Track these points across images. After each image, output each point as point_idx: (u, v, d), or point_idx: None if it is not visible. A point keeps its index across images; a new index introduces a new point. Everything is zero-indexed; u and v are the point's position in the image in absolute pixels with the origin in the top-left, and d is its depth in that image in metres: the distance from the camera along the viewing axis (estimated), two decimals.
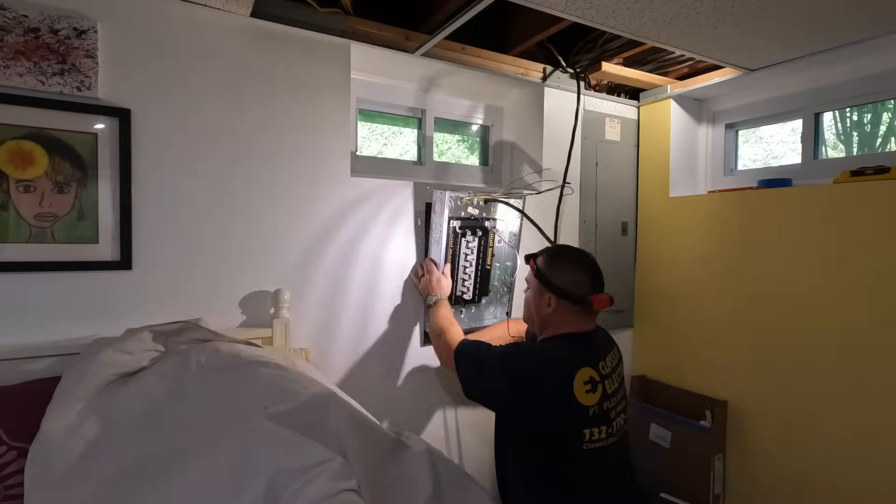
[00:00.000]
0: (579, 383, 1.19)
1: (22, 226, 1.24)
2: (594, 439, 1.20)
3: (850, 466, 1.62)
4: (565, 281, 1.29)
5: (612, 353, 1.33)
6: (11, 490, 1.01)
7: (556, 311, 1.30)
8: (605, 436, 1.22)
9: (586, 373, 1.21)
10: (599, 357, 1.27)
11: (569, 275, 1.30)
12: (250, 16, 1.47)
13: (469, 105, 2.18)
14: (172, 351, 1.19)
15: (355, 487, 0.85)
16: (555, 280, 1.30)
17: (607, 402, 1.23)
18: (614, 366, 1.31)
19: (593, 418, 1.20)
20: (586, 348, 1.28)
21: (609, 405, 1.24)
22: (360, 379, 1.69)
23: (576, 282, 1.29)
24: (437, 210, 1.71)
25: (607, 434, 1.22)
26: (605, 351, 1.30)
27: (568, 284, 1.29)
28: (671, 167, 2.21)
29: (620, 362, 1.36)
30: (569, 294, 1.28)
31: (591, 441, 1.20)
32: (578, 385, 1.19)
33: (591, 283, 1.30)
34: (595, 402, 1.20)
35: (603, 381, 1.24)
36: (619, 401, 1.28)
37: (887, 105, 1.88)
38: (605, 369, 1.26)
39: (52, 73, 1.24)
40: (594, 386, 1.21)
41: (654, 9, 1.40)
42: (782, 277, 1.79)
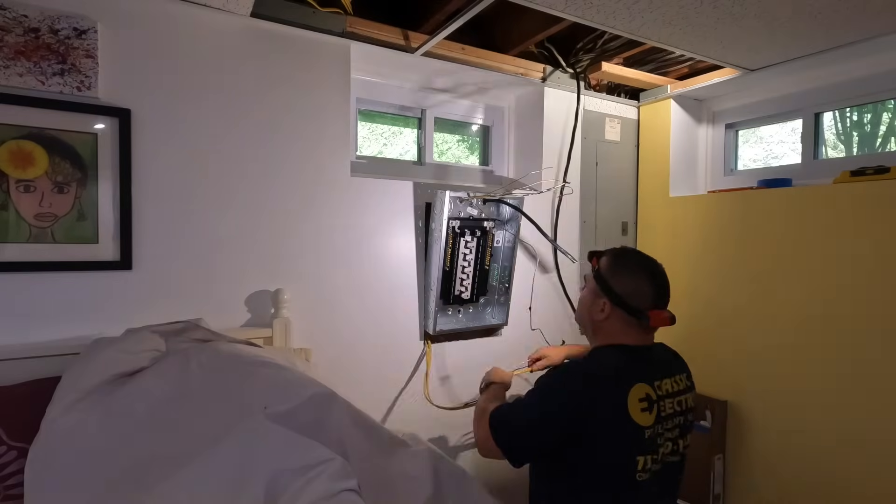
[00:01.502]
0: (634, 400, 1.05)
1: (22, 226, 1.24)
2: (647, 468, 1.06)
3: (850, 466, 1.62)
4: (625, 288, 1.15)
5: (676, 378, 1.16)
6: (11, 490, 1.01)
7: (608, 318, 1.17)
8: (652, 464, 1.07)
9: (641, 389, 1.07)
10: (656, 376, 1.12)
11: (630, 282, 1.15)
12: (250, 16, 1.47)
13: (469, 105, 2.18)
14: (172, 351, 1.19)
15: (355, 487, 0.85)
16: (614, 285, 1.16)
17: (660, 425, 1.09)
18: (675, 391, 1.14)
19: (649, 442, 1.06)
20: (642, 363, 1.13)
21: (661, 429, 1.09)
22: (361, 379, 1.69)
23: (637, 292, 1.14)
24: (436, 210, 1.72)
25: (653, 462, 1.08)
26: (665, 371, 1.15)
27: (627, 292, 1.14)
28: (671, 167, 2.21)
29: (687, 391, 1.18)
30: (625, 303, 1.14)
31: (644, 470, 1.05)
32: (633, 401, 1.05)
33: (655, 295, 1.15)
34: (650, 424, 1.06)
35: (658, 402, 1.09)
36: (670, 427, 1.12)
37: (887, 105, 1.88)
38: (662, 390, 1.11)
39: (52, 73, 1.24)
40: (650, 405, 1.07)
41: (654, 9, 1.40)
42: (782, 277, 1.79)
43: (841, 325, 1.64)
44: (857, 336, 1.61)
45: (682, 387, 1.16)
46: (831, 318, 1.67)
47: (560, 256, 2.05)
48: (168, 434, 0.99)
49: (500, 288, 1.92)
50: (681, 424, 1.15)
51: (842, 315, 1.64)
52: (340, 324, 1.66)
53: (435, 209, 1.73)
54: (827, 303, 1.67)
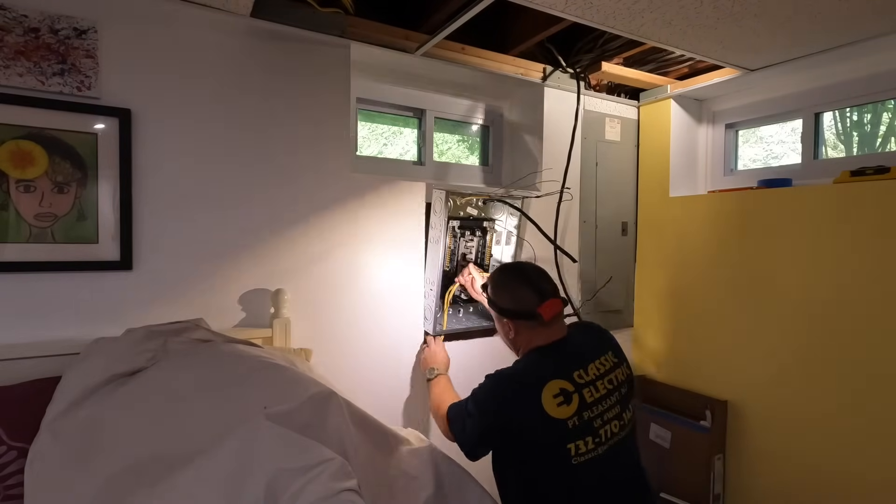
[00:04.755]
0: (548, 397, 1.15)
1: (22, 226, 1.24)
2: (581, 452, 1.15)
3: (850, 466, 1.62)
4: (510, 301, 1.28)
5: (601, 360, 1.26)
6: (11, 490, 1.01)
7: (518, 333, 1.29)
8: (594, 446, 1.17)
9: (555, 385, 1.17)
10: (574, 366, 1.21)
11: (512, 294, 1.28)
12: (250, 16, 1.47)
13: (469, 105, 2.18)
14: (172, 351, 1.19)
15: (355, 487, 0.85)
16: (503, 304, 1.30)
17: (588, 411, 1.18)
18: (602, 372, 1.24)
19: (574, 431, 1.15)
20: (557, 359, 1.23)
21: (591, 414, 1.18)
22: (361, 379, 1.69)
23: (521, 299, 1.26)
24: (436, 209, 1.71)
25: (595, 444, 1.17)
26: (586, 358, 1.25)
27: (514, 304, 1.27)
28: (671, 167, 2.21)
29: (616, 367, 1.28)
30: (517, 313, 1.27)
31: (578, 455, 1.15)
32: (547, 399, 1.15)
33: (537, 294, 1.26)
34: (570, 415, 1.15)
35: (580, 391, 1.18)
36: (608, 407, 1.22)
37: (887, 105, 1.88)
38: (585, 377, 1.20)
39: (52, 73, 1.24)
40: (567, 398, 1.16)
41: (654, 9, 1.40)
42: (782, 277, 1.79)
43: (841, 324, 1.64)
44: (858, 336, 1.61)
45: (609, 365, 1.27)
46: (831, 318, 1.66)
47: (560, 256, 2.05)
48: (168, 434, 0.98)
49: None
50: (619, 399, 1.25)
51: (842, 315, 1.64)
52: (340, 324, 1.66)
53: (435, 209, 1.73)
54: (827, 303, 1.67)
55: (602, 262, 2.24)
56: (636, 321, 2.34)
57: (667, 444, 2.03)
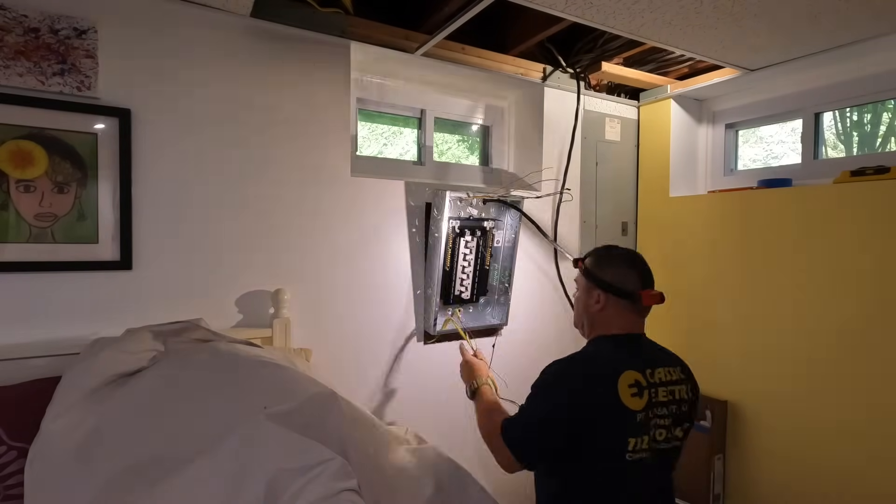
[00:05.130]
0: (624, 385, 1.13)
1: (22, 226, 1.24)
2: (637, 449, 1.12)
3: (850, 466, 1.62)
4: (613, 277, 1.26)
5: (669, 369, 1.23)
6: (11, 490, 1.01)
7: (604, 307, 1.26)
8: (647, 447, 1.14)
9: (631, 376, 1.15)
10: (647, 364, 1.19)
11: (617, 271, 1.27)
12: (250, 16, 1.47)
13: (469, 105, 2.18)
14: (172, 351, 1.19)
15: (355, 487, 0.85)
16: (603, 276, 1.27)
17: (651, 410, 1.15)
18: (668, 381, 1.21)
19: (639, 426, 1.13)
20: (632, 350, 1.22)
21: (652, 414, 1.16)
22: (361, 379, 1.69)
23: (624, 278, 1.25)
24: (437, 210, 1.71)
25: (649, 446, 1.14)
26: (656, 361, 1.22)
27: (616, 280, 1.25)
28: (671, 167, 2.21)
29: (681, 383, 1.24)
30: (617, 289, 1.24)
31: (634, 451, 1.12)
32: (623, 386, 1.13)
33: (640, 279, 1.26)
34: (641, 408, 1.13)
35: (650, 389, 1.16)
36: (662, 415, 1.18)
37: (887, 105, 1.88)
38: (654, 378, 1.18)
39: (52, 73, 1.24)
40: (640, 390, 1.14)
41: (654, 9, 1.40)
42: (782, 277, 1.79)
43: (841, 324, 1.64)
44: (858, 336, 1.61)
45: (675, 377, 1.23)
46: (831, 318, 1.66)
47: (560, 256, 2.05)
48: (168, 434, 0.98)
49: (501, 288, 1.92)
50: (674, 413, 1.20)
51: (842, 315, 1.64)
52: (340, 324, 1.66)
53: (435, 209, 1.73)
54: (827, 303, 1.67)
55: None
56: None
57: None
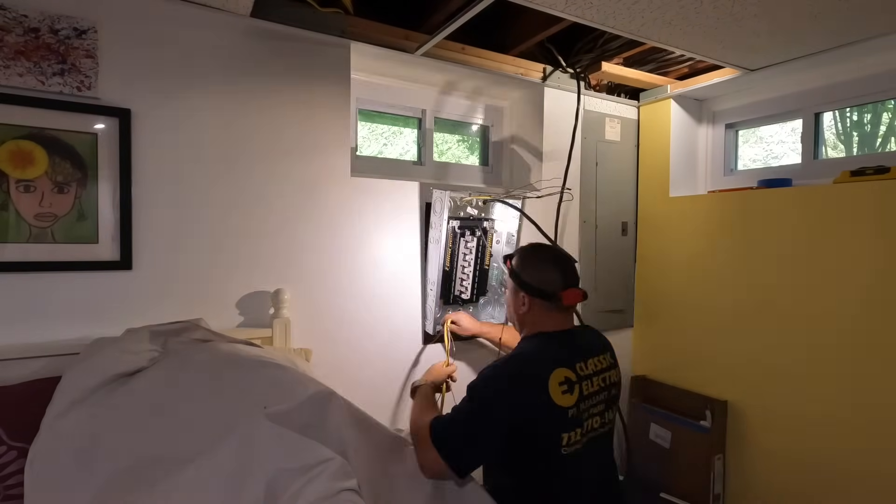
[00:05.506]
0: (554, 384, 1.16)
1: (22, 226, 1.24)
2: (571, 443, 1.17)
3: (849, 466, 1.62)
4: (536, 278, 1.29)
5: (600, 357, 1.28)
6: (11, 490, 1.01)
7: (530, 309, 1.30)
8: (580, 437, 1.19)
9: (561, 373, 1.18)
10: (577, 357, 1.23)
11: (540, 272, 1.29)
12: (250, 16, 1.47)
13: (469, 105, 2.18)
14: (172, 351, 1.19)
15: (355, 487, 0.85)
16: (526, 278, 1.30)
17: (583, 403, 1.20)
18: (599, 370, 1.26)
19: (571, 421, 1.17)
20: (562, 348, 1.25)
21: (584, 406, 1.20)
22: (361, 378, 1.69)
23: (546, 279, 1.28)
24: (436, 210, 1.71)
25: (581, 436, 1.19)
26: (588, 352, 1.27)
27: (539, 282, 1.28)
28: (671, 167, 2.21)
29: (611, 368, 1.30)
30: (540, 291, 1.27)
31: (568, 445, 1.16)
32: (554, 386, 1.16)
33: (563, 279, 1.28)
34: (572, 404, 1.17)
35: (580, 382, 1.20)
36: (595, 403, 1.23)
37: (887, 105, 1.88)
38: (585, 370, 1.22)
39: (52, 73, 1.24)
40: (570, 387, 1.18)
41: (654, 9, 1.40)
42: (782, 277, 1.79)
43: (841, 324, 1.64)
44: (858, 336, 1.61)
45: (605, 364, 1.29)
46: (831, 318, 1.67)
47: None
48: (168, 434, 0.99)
49: (500, 289, 1.92)
50: (605, 399, 1.27)
51: (842, 315, 1.64)
52: (340, 324, 1.66)
53: (435, 209, 1.73)
54: (827, 303, 1.67)
55: (602, 262, 2.24)
56: (636, 321, 2.34)
57: (667, 444, 2.03)
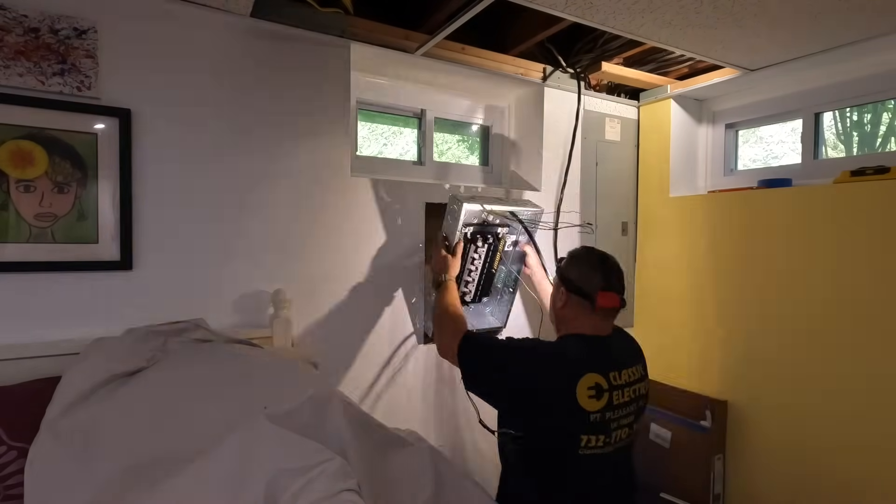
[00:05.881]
0: (583, 387, 1.17)
1: (22, 226, 1.24)
2: (590, 446, 1.18)
3: (849, 466, 1.62)
4: (577, 276, 1.31)
5: (634, 369, 1.28)
6: (11, 490, 1.01)
7: (566, 305, 1.31)
8: (603, 444, 1.20)
9: (592, 378, 1.19)
10: (612, 366, 1.23)
11: (581, 271, 1.31)
12: (250, 16, 1.47)
13: (469, 105, 2.18)
14: (172, 351, 1.19)
15: (355, 487, 0.85)
16: (569, 274, 1.33)
17: (611, 412, 1.20)
18: (632, 381, 1.26)
19: (593, 425, 1.18)
20: (597, 353, 1.25)
21: (612, 416, 1.21)
22: (360, 378, 1.69)
23: (586, 278, 1.29)
24: (450, 219, 1.62)
25: (605, 443, 1.20)
26: (623, 363, 1.26)
27: (578, 279, 1.30)
28: (671, 167, 2.20)
29: (642, 380, 1.31)
30: (577, 288, 1.29)
31: (587, 447, 1.18)
32: (582, 388, 1.17)
33: (604, 281, 1.28)
34: (597, 409, 1.18)
35: (611, 391, 1.20)
36: (625, 414, 1.24)
37: (887, 105, 1.88)
38: (618, 380, 1.22)
39: (52, 73, 1.24)
40: (599, 393, 1.19)
41: (654, 9, 1.40)
42: (782, 278, 1.79)
43: (841, 324, 1.64)
44: (857, 336, 1.61)
45: (637, 376, 1.29)
46: (831, 318, 1.66)
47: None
48: (168, 434, 0.99)
49: (505, 290, 1.89)
50: (635, 411, 1.28)
51: (842, 315, 1.64)
52: (340, 324, 1.66)
53: (449, 217, 1.63)
54: (827, 303, 1.67)
55: None
56: (636, 321, 2.34)
57: (667, 444, 2.02)
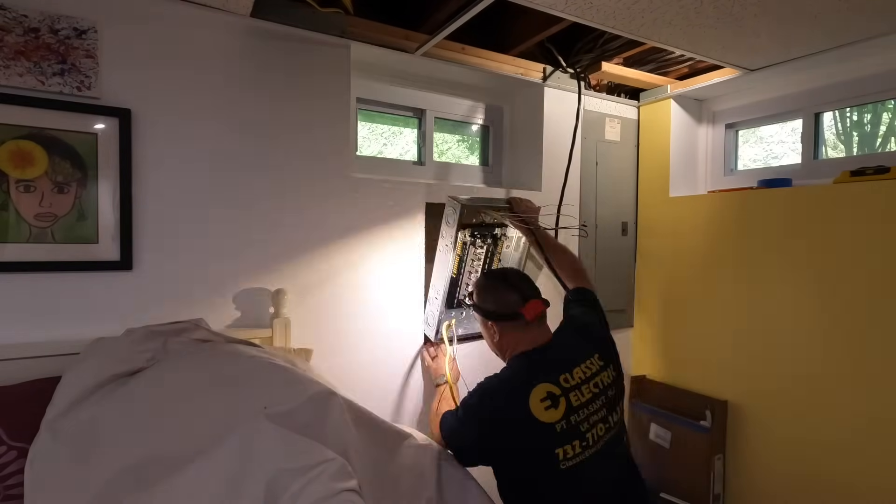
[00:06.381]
0: (535, 401, 1.16)
1: (22, 226, 1.24)
2: (569, 457, 1.16)
3: (849, 466, 1.62)
4: (495, 304, 1.31)
5: (587, 363, 1.25)
6: (11, 490, 1.01)
7: (502, 335, 1.31)
8: (581, 450, 1.17)
9: (542, 389, 1.17)
10: (561, 369, 1.21)
11: (496, 297, 1.31)
12: (250, 16, 1.47)
13: (469, 105, 2.18)
14: (172, 351, 1.19)
15: (355, 487, 0.85)
16: (486, 306, 1.32)
17: (575, 415, 1.18)
18: (588, 376, 1.23)
19: (562, 435, 1.15)
20: (542, 363, 1.23)
21: (578, 418, 1.18)
22: (360, 379, 1.69)
23: (504, 301, 1.29)
24: (448, 220, 1.63)
25: (582, 448, 1.17)
26: (571, 362, 1.24)
27: (498, 306, 1.29)
28: (671, 167, 2.21)
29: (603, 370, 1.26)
30: (502, 315, 1.28)
31: (566, 460, 1.15)
32: (535, 403, 1.15)
33: (519, 295, 1.29)
34: (559, 419, 1.15)
35: (567, 395, 1.18)
36: (593, 411, 1.21)
37: (887, 105, 1.88)
38: (571, 381, 1.20)
39: (52, 73, 1.24)
40: (554, 401, 1.16)
41: (654, 9, 1.40)
42: (782, 277, 1.79)
43: (841, 324, 1.64)
44: (857, 336, 1.61)
45: (595, 369, 1.25)
46: (831, 318, 1.67)
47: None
48: (168, 434, 0.98)
49: None
50: (605, 403, 1.24)
51: (842, 315, 1.64)
52: (341, 324, 1.66)
53: (447, 220, 1.64)
54: (827, 303, 1.67)
55: (602, 262, 2.24)
56: (636, 321, 2.34)
57: (667, 444, 2.03)
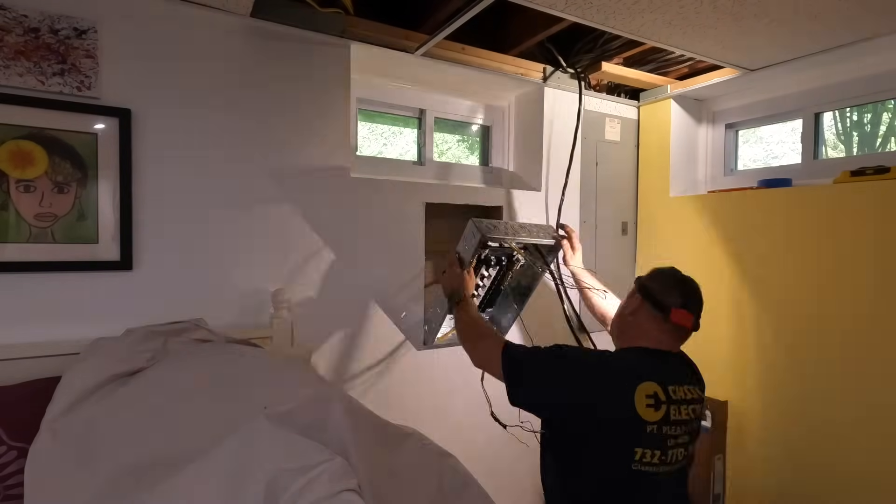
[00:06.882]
0: (641, 395, 1.12)
1: (22, 226, 1.24)
2: (644, 461, 1.12)
3: (850, 467, 1.62)
4: (656, 287, 1.28)
5: (692, 387, 1.23)
6: (11, 490, 1.01)
7: (637, 312, 1.28)
8: (658, 462, 1.13)
9: (650, 387, 1.14)
10: (671, 379, 1.18)
11: (662, 285, 1.28)
12: (250, 16, 1.47)
13: (469, 105, 2.18)
14: (172, 351, 1.19)
15: (356, 487, 0.85)
16: (648, 283, 1.30)
17: (668, 427, 1.14)
18: (690, 399, 1.20)
19: (649, 437, 1.12)
20: (657, 363, 1.20)
21: (669, 431, 1.14)
22: (360, 379, 1.69)
23: (665, 291, 1.26)
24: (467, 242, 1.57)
25: (660, 461, 1.13)
26: (682, 378, 1.22)
27: (657, 290, 1.27)
28: (671, 167, 2.21)
29: (700, 401, 1.24)
30: (653, 298, 1.25)
31: (641, 462, 1.12)
32: (640, 396, 1.12)
33: (682, 298, 1.26)
34: (655, 420, 1.12)
35: (669, 405, 1.15)
36: (682, 433, 1.18)
37: (887, 105, 1.88)
38: (676, 395, 1.17)
39: (52, 73, 1.24)
40: (657, 404, 1.13)
41: (654, 9, 1.40)
42: (782, 278, 1.79)
43: (841, 325, 1.64)
44: (857, 336, 1.61)
45: (695, 396, 1.23)
46: (831, 318, 1.67)
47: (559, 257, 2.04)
48: (168, 434, 0.98)
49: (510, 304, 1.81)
50: (690, 431, 1.21)
51: (841, 315, 1.64)
52: (341, 324, 1.66)
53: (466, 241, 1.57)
54: (826, 303, 1.67)
55: (602, 262, 2.24)
56: None
57: None
